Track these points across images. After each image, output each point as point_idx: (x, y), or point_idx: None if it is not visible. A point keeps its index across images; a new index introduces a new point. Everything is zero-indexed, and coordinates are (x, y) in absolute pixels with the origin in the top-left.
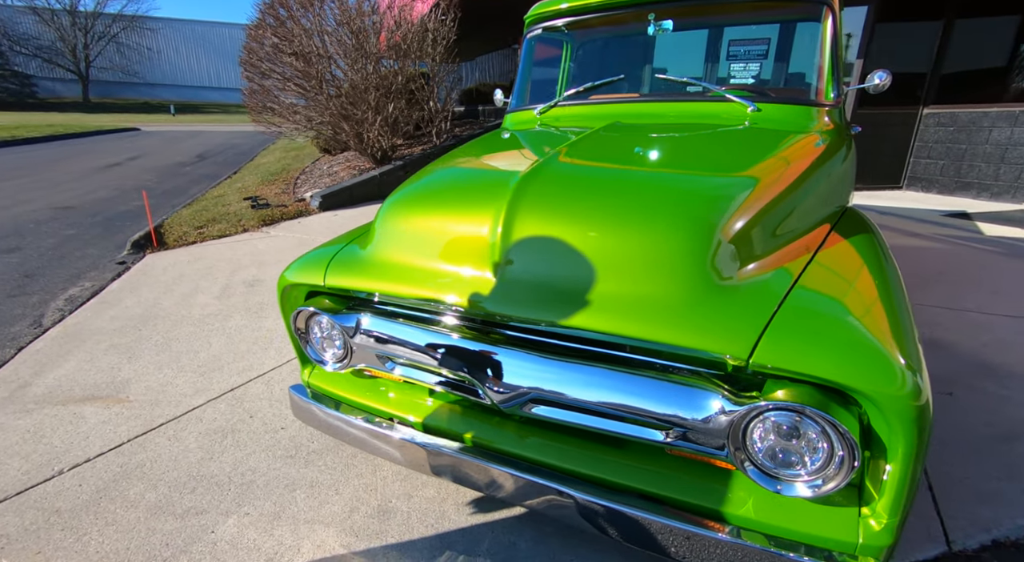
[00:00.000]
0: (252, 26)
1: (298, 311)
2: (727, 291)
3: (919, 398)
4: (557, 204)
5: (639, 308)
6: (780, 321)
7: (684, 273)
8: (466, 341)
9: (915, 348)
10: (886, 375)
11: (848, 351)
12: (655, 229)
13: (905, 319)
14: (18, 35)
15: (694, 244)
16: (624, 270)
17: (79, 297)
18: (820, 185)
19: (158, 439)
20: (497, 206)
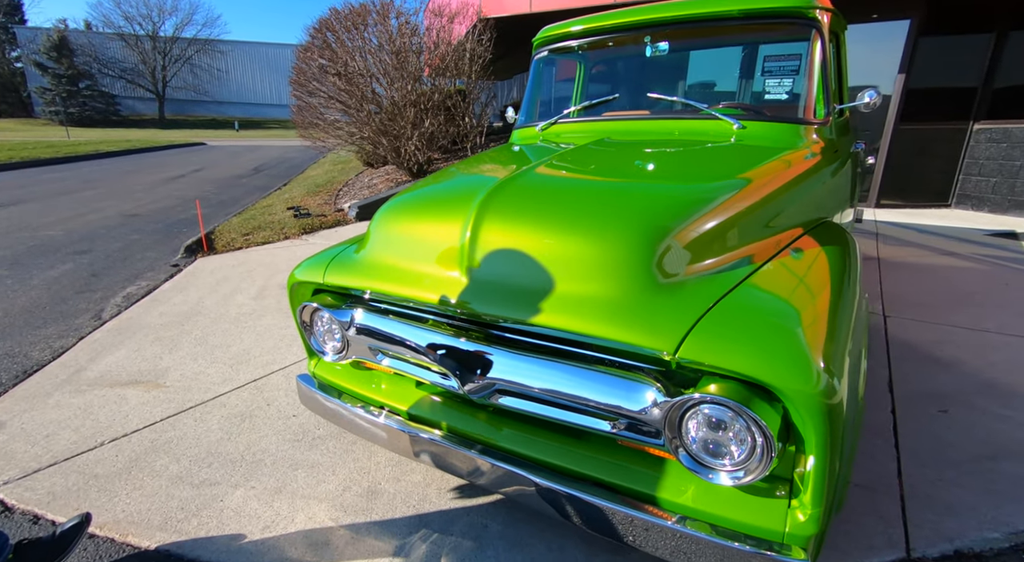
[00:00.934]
0: (301, 48)
1: (303, 306)
2: (668, 290)
3: (831, 397)
4: (517, 213)
5: (583, 306)
6: (709, 320)
7: (625, 275)
8: (440, 335)
9: (840, 353)
10: (799, 374)
11: (766, 349)
12: (600, 235)
13: (841, 327)
14: (106, 59)
15: (635, 248)
16: (573, 272)
17: (135, 295)
18: (788, 197)
19: (186, 420)
20: (467, 215)
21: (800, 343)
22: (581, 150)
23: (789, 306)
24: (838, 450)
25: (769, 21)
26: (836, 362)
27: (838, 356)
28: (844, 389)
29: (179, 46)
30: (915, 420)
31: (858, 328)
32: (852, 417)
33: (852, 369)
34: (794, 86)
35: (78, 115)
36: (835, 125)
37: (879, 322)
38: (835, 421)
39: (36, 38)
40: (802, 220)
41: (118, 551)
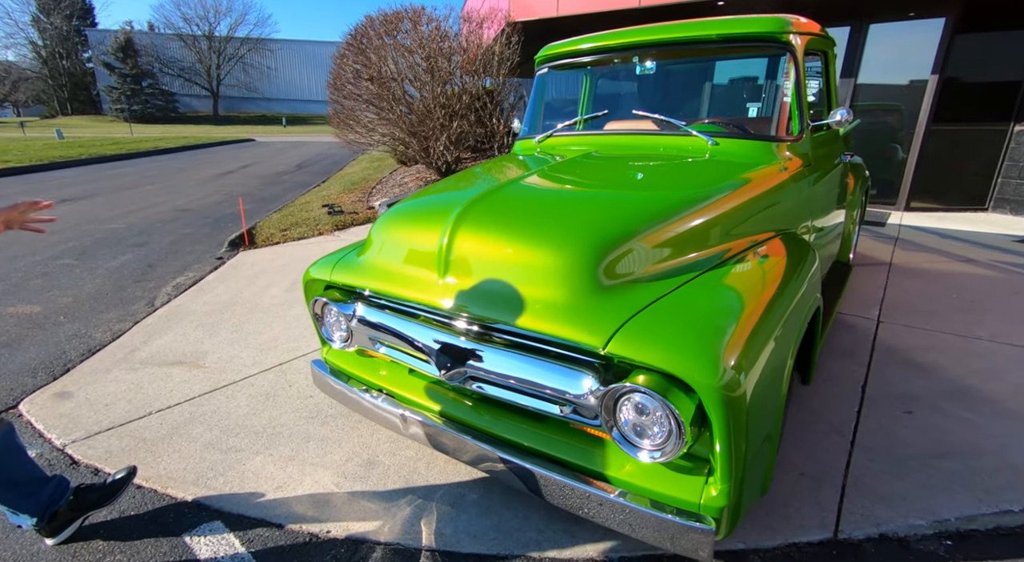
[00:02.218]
0: (337, 55)
1: (314, 300)
2: (611, 293)
3: (734, 390)
4: (485, 225)
5: (534, 306)
6: (638, 320)
7: (571, 280)
8: (422, 328)
9: (754, 352)
10: (704, 368)
11: (678, 346)
12: (551, 246)
13: (763, 329)
14: (166, 59)
15: (581, 257)
16: (529, 277)
17: (183, 285)
18: (743, 210)
19: (219, 397)
20: (444, 226)
21: (710, 341)
22: (561, 165)
23: (714, 309)
24: (742, 435)
25: (745, 45)
26: (746, 360)
27: (750, 355)
28: (751, 384)
29: (232, 45)
30: (877, 419)
31: (789, 331)
32: (770, 408)
33: (772, 367)
34: (769, 105)
35: (140, 112)
36: (810, 141)
37: (869, 327)
38: (737, 410)
39: (105, 40)
40: (758, 231)
41: (160, 500)
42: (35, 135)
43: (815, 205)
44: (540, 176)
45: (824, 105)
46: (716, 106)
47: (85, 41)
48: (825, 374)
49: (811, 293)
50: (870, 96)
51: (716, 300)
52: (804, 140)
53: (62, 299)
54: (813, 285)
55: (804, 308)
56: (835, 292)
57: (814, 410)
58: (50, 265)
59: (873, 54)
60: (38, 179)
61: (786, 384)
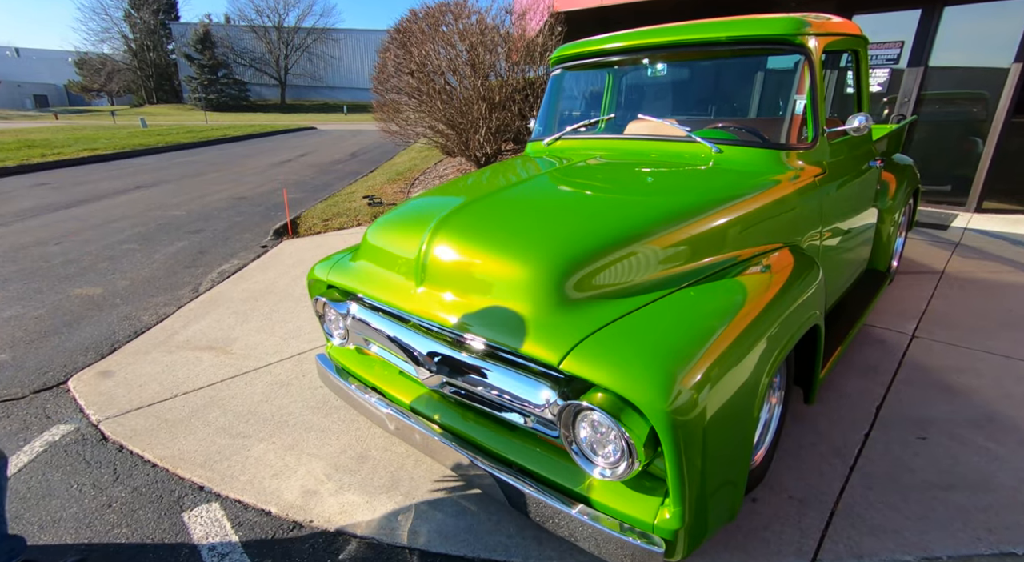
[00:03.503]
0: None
1: (316, 298)
2: (575, 309)
3: (686, 413)
4: (459, 237)
5: (499, 319)
6: (596, 337)
7: (536, 295)
8: (404, 331)
9: (721, 374)
10: (652, 390)
11: (629, 367)
12: (518, 261)
13: (736, 349)
14: (240, 49)
15: (546, 273)
16: (496, 289)
17: (227, 271)
18: (733, 223)
19: (239, 383)
20: (423, 235)
21: (664, 362)
22: (556, 172)
23: (680, 327)
24: (698, 459)
25: (757, 47)
26: (706, 382)
27: (712, 376)
28: (712, 407)
29: (299, 35)
30: (886, 443)
31: (769, 352)
32: (737, 432)
33: (742, 390)
34: (783, 109)
35: (216, 101)
36: (827, 147)
37: (900, 342)
38: (691, 434)
39: (186, 32)
40: (754, 243)
41: (169, 479)
42: (123, 123)
43: (830, 214)
44: (529, 184)
45: (854, 107)
46: (731, 109)
47: (169, 34)
48: (838, 392)
49: (805, 311)
50: (943, 82)
51: (686, 317)
52: (819, 148)
53: (121, 282)
54: (810, 304)
55: (792, 327)
56: (863, 302)
57: (818, 430)
58: (116, 249)
59: (947, 39)
60: (119, 166)
61: (759, 408)
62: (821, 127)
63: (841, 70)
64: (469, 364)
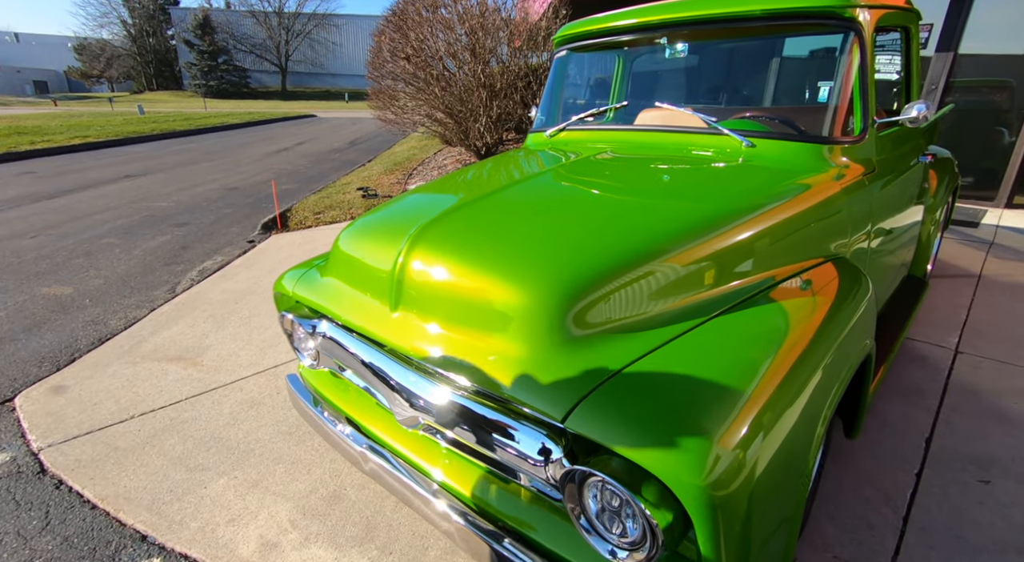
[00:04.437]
0: (376, 32)
1: (282, 314)
2: (579, 348)
3: (727, 487)
4: (441, 250)
5: (487, 356)
6: (607, 388)
7: (532, 328)
8: (378, 359)
9: (767, 430)
10: (684, 462)
11: (651, 429)
12: (511, 284)
13: (783, 397)
14: (240, 35)
15: (545, 301)
16: (485, 319)
17: (209, 269)
18: (769, 235)
19: (205, 402)
20: (399, 247)
21: (696, 423)
22: (560, 169)
23: (712, 372)
24: (741, 536)
25: (799, 22)
26: (750, 444)
27: (757, 436)
28: (757, 471)
29: (300, 21)
30: (943, 488)
31: (822, 394)
32: (788, 491)
33: (793, 444)
34: (826, 96)
35: (216, 87)
36: (875, 142)
37: (944, 358)
38: (731, 512)
39: (186, 18)
40: (795, 258)
41: (108, 525)
42: (121, 109)
43: (878, 219)
44: (526, 186)
45: (902, 94)
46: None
47: (169, 19)
48: (881, 419)
49: (859, 339)
50: (974, 70)
51: (720, 356)
52: (867, 142)
53: (94, 281)
54: (862, 329)
55: (846, 361)
56: (903, 314)
57: (863, 469)
58: (95, 244)
59: (979, 23)
60: (111, 154)
61: (814, 459)
62: (871, 118)
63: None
64: (454, 404)
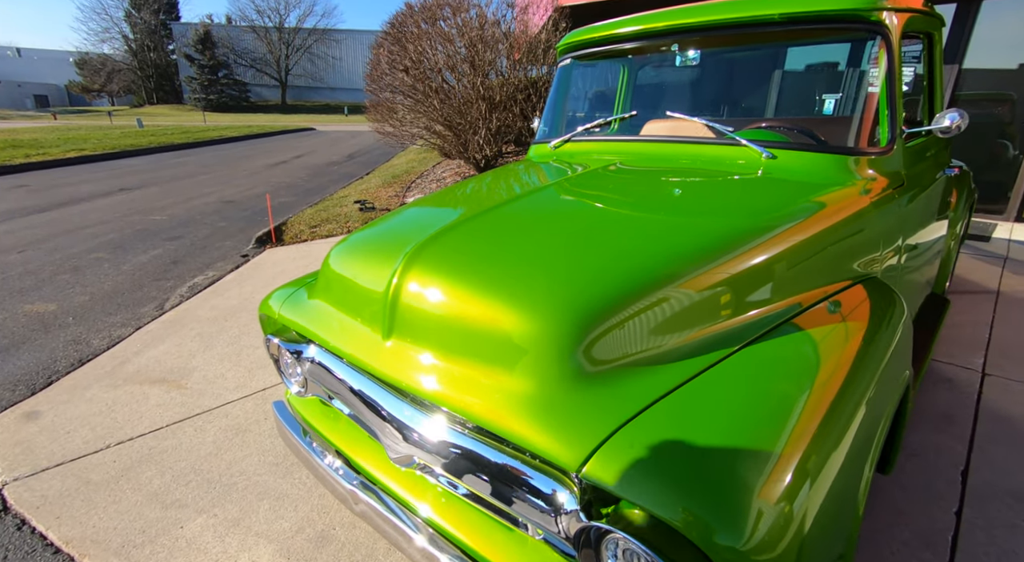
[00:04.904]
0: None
1: (267, 338)
2: (595, 384)
3: (773, 549)
4: (439, 272)
5: (490, 391)
6: (629, 431)
7: (541, 360)
8: (372, 388)
9: (813, 478)
10: (724, 521)
11: (683, 482)
12: (518, 310)
13: (827, 440)
14: (240, 50)
15: (556, 329)
16: (487, 349)
17: (199, 285)
18: (797, 255)
19: (187, 429)
20: (393, 268)
21: (729, 472)
22: (567, 182)
23: (747, 414)
24: None
25: (821, 27)
26: (795, 497)
27: (802, 487)
28: (800, 527)
29: (300, 36)
30: (987, 530)
31: (867, 434)
32: (837, 538)
33: (842, 488)
34: (849, 105)
35: (216, 101)
36: (903, 154)
37: (971, 381)
38: None
39: (187, 33)
40: (824, 281)
41: None
42: (121, 123)
43: (908, 235)
44: (532, 199)
45: (923, 105)
46: (782, 104)
47: (170, 34)
48: (910, 448)
49: (899, 369)
50: (977, 84)
51: (751, 397)
52: (895, 154)
53: (79, 297)
54: (902, 356)
55: (889, 393)
56: (927, 334)
57: (896, 507)
58: (83, 259)
59: (984, 35)
60: (107, 167)
61: (863, 508)
62: (899, 128)
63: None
64: (450, 444)
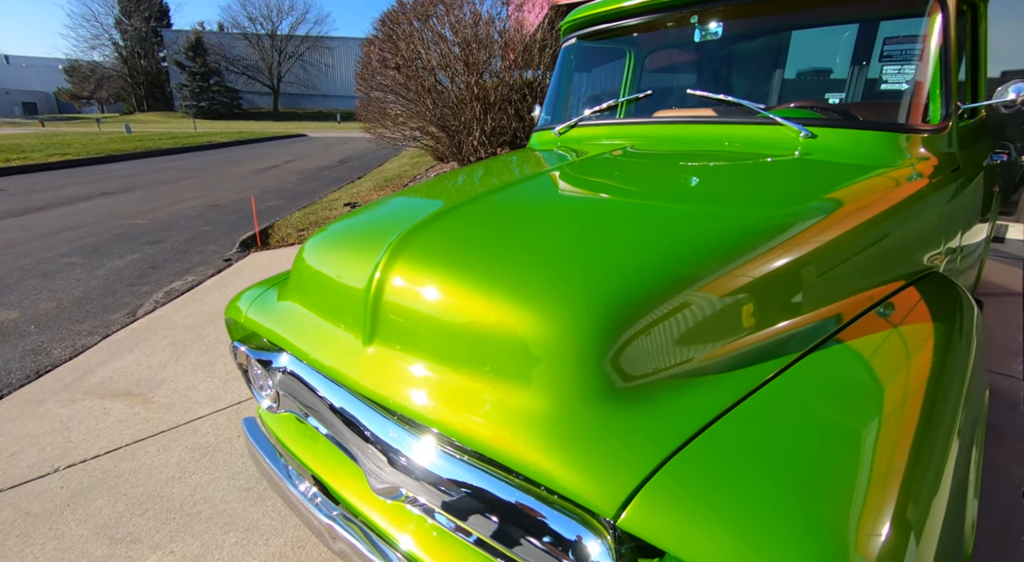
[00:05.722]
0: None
1: (233, 345)
2: (629, 403)
3: None
4: (430, 264)
5: (498, 412)
6: (680, 464)
7: (561, 372)
8: (353, 404)
9: (902, 540)
10: None
11: (757, 534)
12: (530, 308)
13: (924, 475)
14: (232, 57)
15: (578, 332)
16: (492, 356)
17: (177, 290)
18: (857, 245)
19: (149, 448)
20: (375, 261)
21: (819, 530)
22: (576, 166)
23: (815, 443)
24: None
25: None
26: (897, 555)
27: (900, 541)
28: None
29: (293, 43)
30: None
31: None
32: None
33: (944, 549)
34: (897, 78)
35: (207, 108)
36: (956, 133)
37: (1013, 389)
38: None
39: (178, 40)
40: (887, 278)
41: None
42: (109, 130)
43: (964, 225)
44: (539, 183)
45: (968, 82)
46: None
47: (161, 41)
48: None
49: (982, 386)
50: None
51: (823, 420)
52: (950, 132)
53: (45, 304)
54: (982, 370)
55: (979, 407)
56: None
57: None
58: (54, 264)
59: None
60: (90, 172)
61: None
62: (953, 102)
63: None
64: (446, 475)
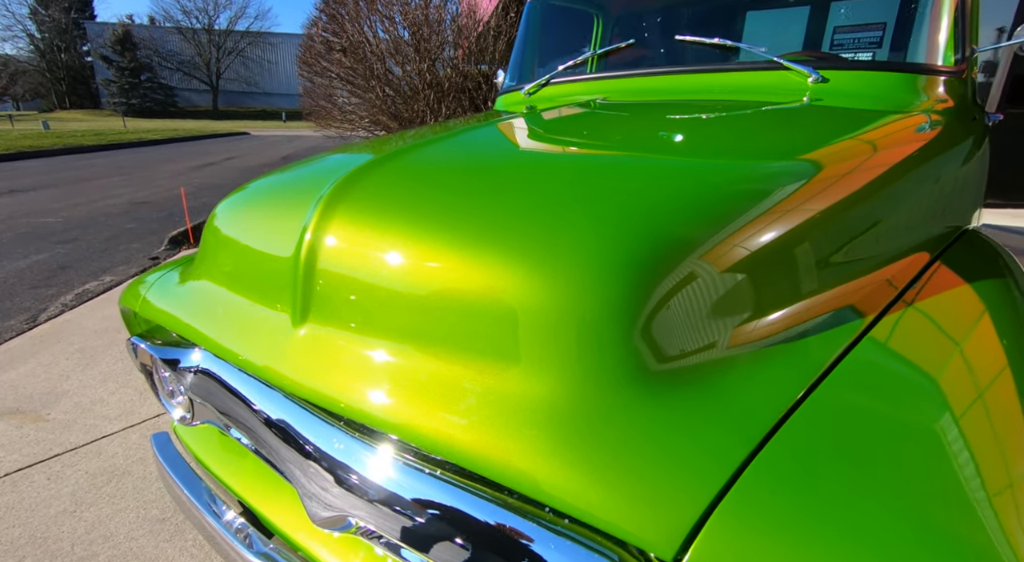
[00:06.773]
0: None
1: (130, 341)
2: (669, 392)
3: None
4: (380, 214)
5: (484, 409)
6: (753, 480)
7: (573, 350)
8: (284, 406)
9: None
10: None
11: None
12: (521, 255)
13: None
14: (165, 52)
15: (593, 288)
16: (471, 333)
17: (90, 292)
18: (904, 197)
19: (37, 476)
20: (303, 218)
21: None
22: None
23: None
24: None
25: None
26: None
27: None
28: None
29: (232, 39)
30: None
31: None
32: None
33: None
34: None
35: (139, 106)
36: (971, 80)
37: None
38: None
39: (104, 33)
40: (925, 236)
41: None
42: (24, 127)
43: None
44: (499, 129)
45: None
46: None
47: (84, 34)
48: None
49: None
50: None
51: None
52: (967, 76)
53: None
54: None
55: None
56: None
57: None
58: None
59: None
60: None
61: None
62: (971, 45)
63: None
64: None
